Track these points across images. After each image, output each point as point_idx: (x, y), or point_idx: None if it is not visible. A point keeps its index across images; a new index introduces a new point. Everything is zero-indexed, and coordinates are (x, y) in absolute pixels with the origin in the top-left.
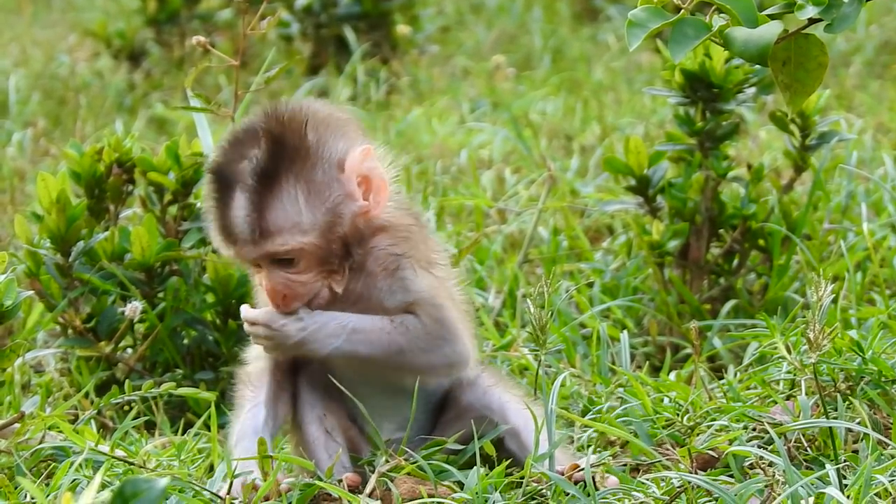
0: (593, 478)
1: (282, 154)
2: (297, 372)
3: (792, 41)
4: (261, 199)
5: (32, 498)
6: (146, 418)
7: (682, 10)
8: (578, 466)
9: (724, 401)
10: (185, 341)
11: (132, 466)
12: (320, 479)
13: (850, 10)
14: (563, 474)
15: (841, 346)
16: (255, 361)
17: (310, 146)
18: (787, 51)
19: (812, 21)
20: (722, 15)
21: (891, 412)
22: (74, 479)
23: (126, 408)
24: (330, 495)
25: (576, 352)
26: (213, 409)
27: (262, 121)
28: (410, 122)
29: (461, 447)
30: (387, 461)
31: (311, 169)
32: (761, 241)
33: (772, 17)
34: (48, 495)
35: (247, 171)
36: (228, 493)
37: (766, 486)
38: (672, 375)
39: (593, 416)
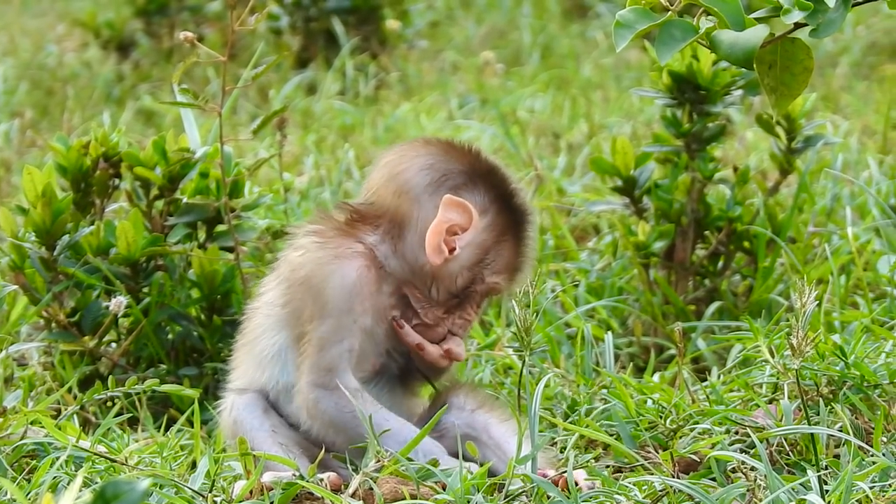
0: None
1: None
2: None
3: (778, 45)
4: None
5: (13, 497)
6: (129, 415)
7: (670, 12)
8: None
9: (706, 404)
10: (170, 337)
11: (114, 464)
12: (302, 478)
13: (835, 16)
14: (545, 477)
15: (824, 351)
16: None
17: None
18: (773, 54)
19: (798, 25)
20: (709, 17)
21: (872, 417)
22: (55, 477)
23: (109, 403)
24: (312, 494)
25: (560, 352)
26: (196, 405)
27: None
28: (399, 118)
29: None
30: (377, 461)
31: None
32: (746, 244)
33: (758, 20)
34: (28, 493)
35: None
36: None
37: (747, 491)
38: (656, 377)
39: (576, 418)
